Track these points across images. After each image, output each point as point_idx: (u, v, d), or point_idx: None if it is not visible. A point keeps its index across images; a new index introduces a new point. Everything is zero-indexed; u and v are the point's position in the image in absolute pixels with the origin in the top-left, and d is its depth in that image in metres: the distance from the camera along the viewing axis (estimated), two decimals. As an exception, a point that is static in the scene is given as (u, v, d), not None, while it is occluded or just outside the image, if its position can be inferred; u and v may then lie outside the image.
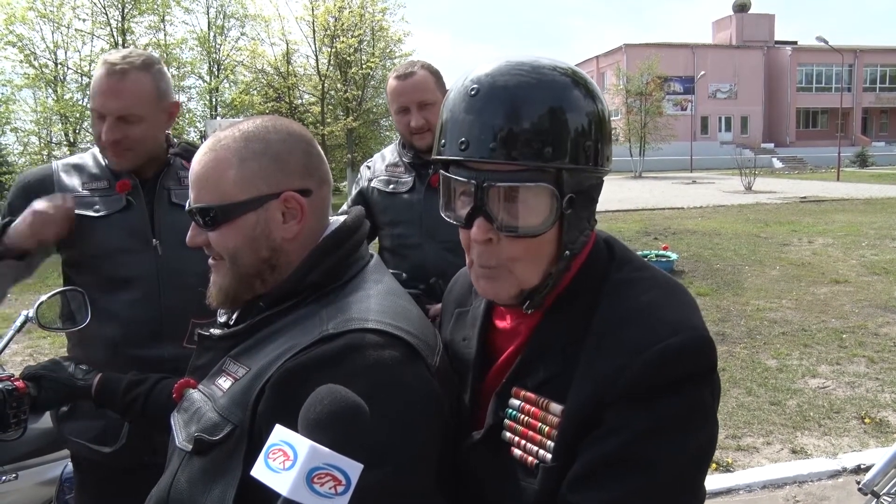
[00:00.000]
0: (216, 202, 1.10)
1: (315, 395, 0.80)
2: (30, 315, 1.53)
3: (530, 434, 0.99)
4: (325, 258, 1.12)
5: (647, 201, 20.98)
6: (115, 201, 1.89)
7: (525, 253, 0.99)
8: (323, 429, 0.77)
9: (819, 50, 47.06)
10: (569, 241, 1.00)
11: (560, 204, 0.95)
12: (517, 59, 0.98)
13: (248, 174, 1.10)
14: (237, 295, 1.14)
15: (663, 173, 40.24)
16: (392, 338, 1.02)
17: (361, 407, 0.80)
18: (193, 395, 1.12)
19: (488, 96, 0.94)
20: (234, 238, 1.11)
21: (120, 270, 1.86)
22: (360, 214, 1.23)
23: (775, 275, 9.56)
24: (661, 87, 42.97)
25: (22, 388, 1.40)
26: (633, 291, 1.01)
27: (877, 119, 58.38)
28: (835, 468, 3.97)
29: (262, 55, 24.84)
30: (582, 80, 0.99)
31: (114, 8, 21.60)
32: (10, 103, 20.84)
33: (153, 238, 1.89)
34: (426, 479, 1.01)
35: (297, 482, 0.74)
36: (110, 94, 1.81)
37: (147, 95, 1.85)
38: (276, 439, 0.79)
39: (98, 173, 1.93)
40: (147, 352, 1.80)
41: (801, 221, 15.49)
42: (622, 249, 1.09)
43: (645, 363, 0.91)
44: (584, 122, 0.96)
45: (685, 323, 0.96)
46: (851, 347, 6.18)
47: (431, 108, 2.32)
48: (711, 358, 0.96)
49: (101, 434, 1.84)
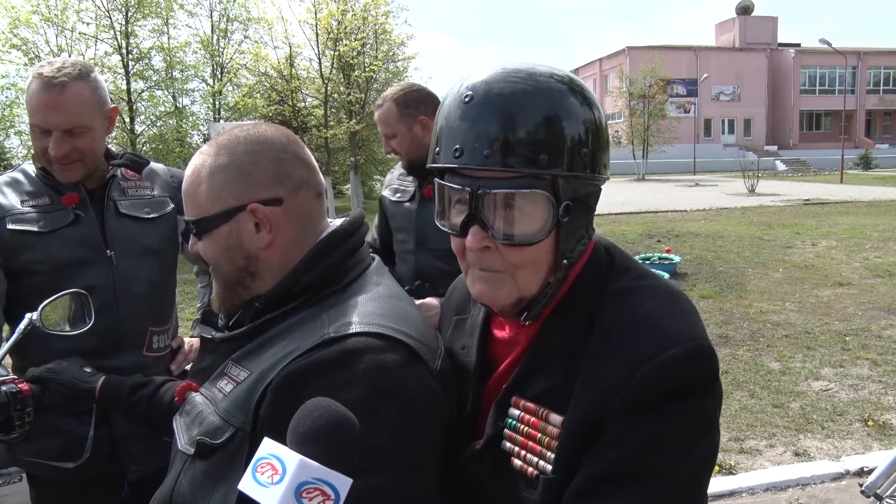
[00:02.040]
0: (194, 216, 1.16)
1: (304, 409, 0.80)
2: (34, 318, 1.54)
3: (530, 444, 0.99)
4: (319, 260, 1.13)
5: (650, 204, 20.95)
6: (60, 216, 1.88)
7: (523, 261, 0.98)
8: (312, 443, 0.77)
9: (822, 52, 46.97)
10: (566, 249, 0.99)
11: (556, 211, 0.95)
12: (513, 66, 0.97)
13: (215, 189, 1.13)
14: (227, 300, 1.19)
15: (666, 176, 40.20)
16: (393, 341, 1.02)
17: (351, 420, 0.80)
18: (195, 399, 1.13)
19: (483, 103, 0.94)
20: (213, 248, 1.15)
21: (74, 282, 1.79)
22: (358, 217, 1.23)
23: (778, 277, 9.55)
24: (663, 89, 42.90)
25: (26, 390, 1.40)
26: (633, 301, 1.00)
27: (880, 121, 58.25)
28: (838, 471, 3.96)
29: (265, 58, 24.83)
30: (578, 87, 0.98)
31: (117, 11, 21.63)
32: (14, 106, 20.87)
33: (107, 249, 1.90)
34: (427, 483, 1.01)
35: (286, 497, 0.73)
36: (53, 109, 1.78)
37: (89, 105, 1.83)
38: (264, 453, 0.78)
39: (35, 189, 1.91)
40: (107, 362, 1.77)
41: (804, 224, 15.46)
42: (623, 257, 1.08)
43: (645, 374, 0.90)
44: (581, 129, 0.96)
45: (685, 333, 0.95)
46: (855, 350, 6.17)
47: (396, 137, 2.53)
48: (712, 367, 0.96)
49: (64, 450, 1.81)
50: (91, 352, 1.75)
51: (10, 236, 1.84)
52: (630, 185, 31.34)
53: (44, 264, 1.85)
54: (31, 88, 1.81)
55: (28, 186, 1.91)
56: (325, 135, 22.55)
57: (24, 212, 1.86)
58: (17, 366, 1.93)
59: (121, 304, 1.91)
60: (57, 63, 1.84)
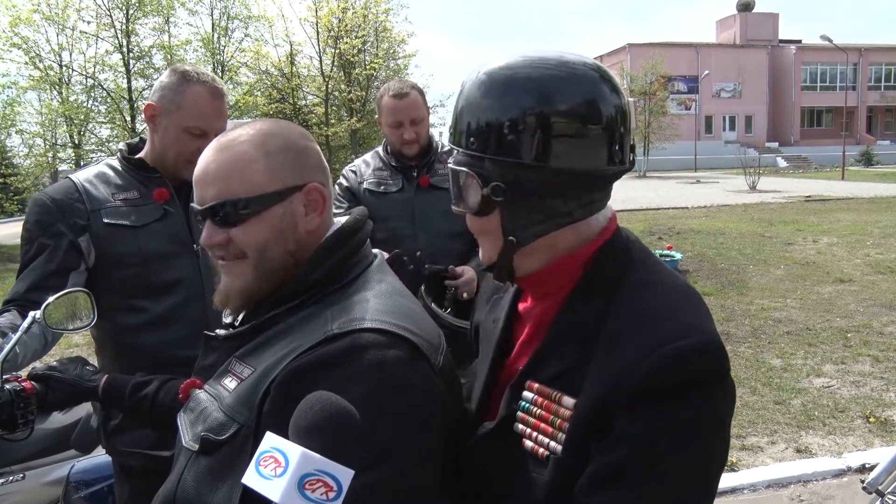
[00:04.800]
0: (243, 194, 1.10)
1: (306, 402, 0.81)
2: (37, 316, 1.54)
3: (542, 426, 1.01)
4: (328, 256, 1.13)
5: (652, 201, 20.96)
6: (151, 210, 1.95)
7: (477, 229, 1.10)
8: (314, 435, 0.78)
9: (823, 49, 46.90)
10: (511, 228, 1.05)
11: (484, 190, 1.03)
12: (485, 60, 1.07)
13: (276, 165, 1.12)
14: (259, 293, 1.14)
15: (667, 173, 40.18)
16: (396, 337, 1.02)
17: (352, 413, 0.81)
18: (200, 396, 1.13)
19: (462, 93, 1.07)
20: (262, 231, 1.11)
21: (165, 275, 1.92)
22: (363, 214, 1.24)
23: (780, 274, 9.55)
24: (664, 86, 42.92)
25: (30, 388, 1.40)
26: (649, 292, 1.01)
27: (882, 118, 58.17)
28: (839, 467, 3.96)
29: (265, 56, 24.85)
30: (537, 79, 1.01)
31: (118, 10, 21.62)
32: (15, 105, 20.86)
33: (193, 243, 1.97)
34: (430, 479, 1.02)
35: (289, 489, 0.74)
36: (219, 116, 1.96)
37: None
38: (266, 446, 0.79)
39: (124, 184, 1.98)
40: (195, 351, 1.83)
41: (805, 220, 15.45)
42: (642, 251, 1.10)
43: (658, 361, 0.91)
44: (519, 118, 1.00)
45: (699, 327, 0.96)
46: (856, 347, 6.17)
47: (421, 123, 2.76)
48: (724, 363, 0.96)
49: (160, 440, 1.85)
50: (184, 341, 1.83)
51: (105, 229, 1.90)
52: (631, 182, 31.31)
53: (135, 257, 1.91)
54: (196, 93, 1.93)
55: (117, 181, 1.98)
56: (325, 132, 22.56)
57: (117, 205, 1.94)
58: (102, 364, 2.02)
59: (207, 295, 1.94)
60: (209, 73, 2.01)
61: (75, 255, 1.87)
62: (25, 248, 1.90)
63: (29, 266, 1.85)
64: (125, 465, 2.00)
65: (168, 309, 1.93)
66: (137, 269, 1.92)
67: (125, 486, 2.02)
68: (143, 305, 1.91)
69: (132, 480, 2.00)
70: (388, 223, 2.74)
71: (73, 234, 1.87)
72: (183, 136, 1.93)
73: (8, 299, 1.82)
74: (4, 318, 1.70)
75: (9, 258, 13.32)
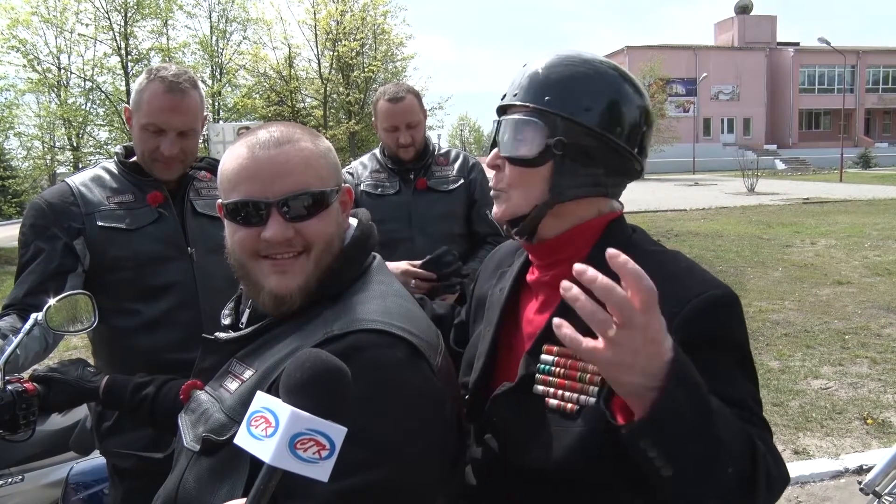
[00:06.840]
0: (319, 187, 1.11)
1: (296, 360, 0.79)
2: (39, 318, 1.55)
3: (568, 384, 1.07)
4: (349, 267, 1.16)
5: (650, 203, 20.96)
6: (145, 214, 1.95)
7: (517, 180, 1.17)
8: (304, 394, 0.76)
9: (821, 51, 47.00)
10: (556, 185, 1.15)
11: (549, 143, 1.13)
12: (564, 54, 1.21)
13: (330, 163, 1.16)
14: (315, 286, 1.11)
15: (666, 175, 40.21)
16: (395, 338, 1.03)
17: (343, 370, 0.79)
18: (200, 397, 1.14)
19: (528, 69, 1.20)
20: (331, 224, 1.14)
21: (158, 279, 1.93)
22: (368, 223, 1.25)
23: (778, 276, 9.56)
24: (663, 88, 42.92)
25: (31, 389, 1.41)
26: (664, 258, 1.15)
27: (880, 120, 58.28)
28: (837, 469, 3.97)
29: (264, 59, 24.87)
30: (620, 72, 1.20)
31: (116, 13, 21.65)
32: (13, 108, 20.86)
33: (188, 246, 1.97)
34: (429, 477, 1.03)
35: (280, 449, 0.72)
36: (174, 111, 1.90)
37: (200, 111, 1.98)
38: (257, 406, 0.77)
39: (119, 187, 1.98)
40: (188, 355, 1.83)
41: (803, 223, 15.47)
42: (644, 233, 1.25)
43: (694, 308, 1.01)
44: (593, 92, 1.15)
45: (717, 283, 1.09)
46: (854, 348, 6.18)
47: (417, 127, 2.77)
48: (742, 314, 1.12)
49: (152, 442, 1.88)
50: (177, 345, 1.85)
51: (99, 233, 1.91)
52: (629, 184, 31.24)
53: (129, 260, 1.92)
54: (151, 90, 1.90)
55: (112, 184, 1.99)
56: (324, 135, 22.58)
57: (112, 209, 1.94)
58: (98, 366, 1.99)
59: (202, 298, 1.97)
60: (172, 69, 1.95)
61: (72, 258, 1.87)
62: (22, 251, 1.91)
63: (26, 270, 1.86)
64: (118, 467, 2.00)
65: (162, 312, 1.93)
66: (131, 272, 1.92)
67: (118, 487, 2.03)
68: (136, 308, 1.92)
69: (125, 482, 2.00)
70: (385, 225, 2.70)
71: (69, 237, 1.88)
72: (143, 135, 1.92)
73: (7, 304, 1.83)
74: (5, 322, 1.71)
75: (7, 261, 13.30)
